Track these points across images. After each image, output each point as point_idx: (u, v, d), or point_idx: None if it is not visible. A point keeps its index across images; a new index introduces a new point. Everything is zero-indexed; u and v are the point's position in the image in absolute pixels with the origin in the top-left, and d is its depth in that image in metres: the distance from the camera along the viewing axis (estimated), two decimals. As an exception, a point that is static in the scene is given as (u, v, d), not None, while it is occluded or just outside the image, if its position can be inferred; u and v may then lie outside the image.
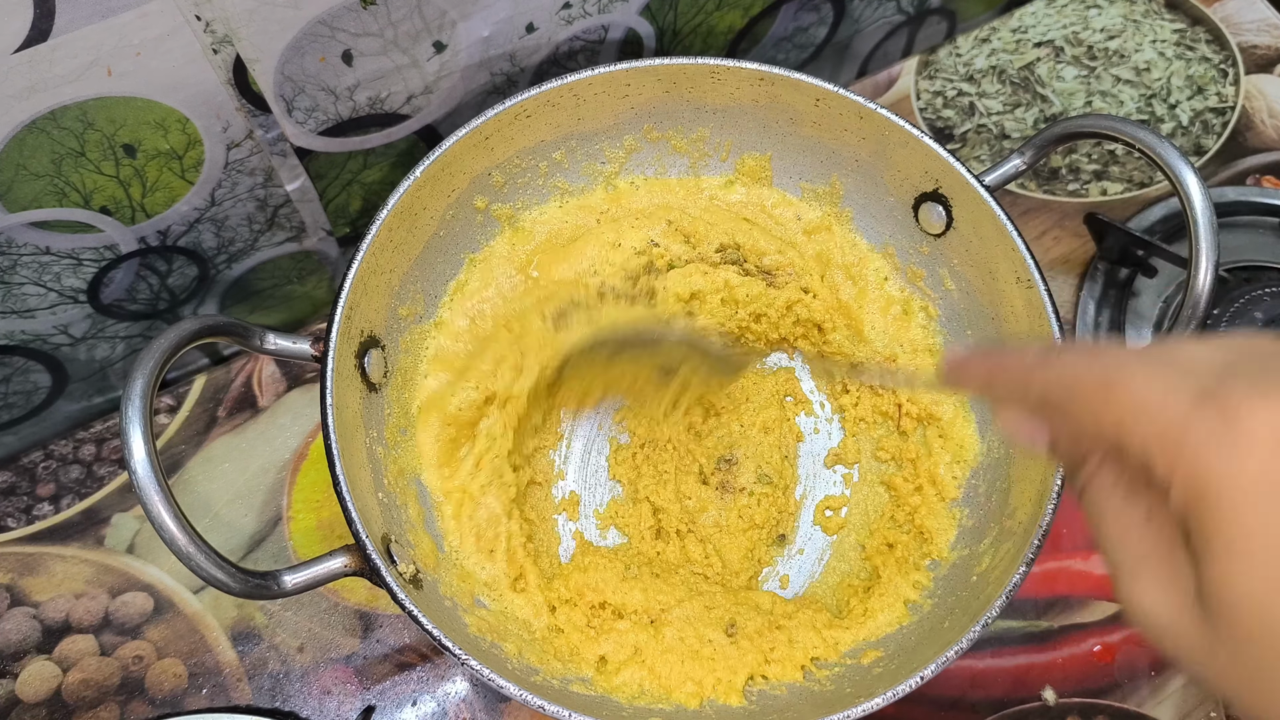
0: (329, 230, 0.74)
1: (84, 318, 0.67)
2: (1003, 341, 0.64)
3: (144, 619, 0.66)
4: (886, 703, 0.50)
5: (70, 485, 0.70)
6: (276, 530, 0.69)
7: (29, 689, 0.64)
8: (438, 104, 0.67)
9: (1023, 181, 0.83)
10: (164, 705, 0.64)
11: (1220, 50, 0.89)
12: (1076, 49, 0.89)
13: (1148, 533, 0.32)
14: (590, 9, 0.68)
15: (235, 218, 0.67)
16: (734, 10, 0.76)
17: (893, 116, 0.63)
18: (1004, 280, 0.62)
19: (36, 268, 0.61)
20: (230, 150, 0.61)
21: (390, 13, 0.58)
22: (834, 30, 0.87)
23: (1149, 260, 0.77)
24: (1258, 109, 0.86)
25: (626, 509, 0.67)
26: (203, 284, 0.71)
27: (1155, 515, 0.32)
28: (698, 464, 0.68)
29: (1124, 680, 0.66)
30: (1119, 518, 0.33)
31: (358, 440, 0.57)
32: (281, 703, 0.64)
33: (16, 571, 0.67)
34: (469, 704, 0.65)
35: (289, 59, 0.58)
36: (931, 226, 0.66)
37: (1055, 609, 0.68)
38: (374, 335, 0.61)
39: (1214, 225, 0.55)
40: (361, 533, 0.52)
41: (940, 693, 0.65)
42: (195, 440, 0.72)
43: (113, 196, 0.60)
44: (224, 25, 0.54)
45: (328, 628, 0.66)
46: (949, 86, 0.87)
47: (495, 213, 0.68)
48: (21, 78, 0.50)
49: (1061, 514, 0.55)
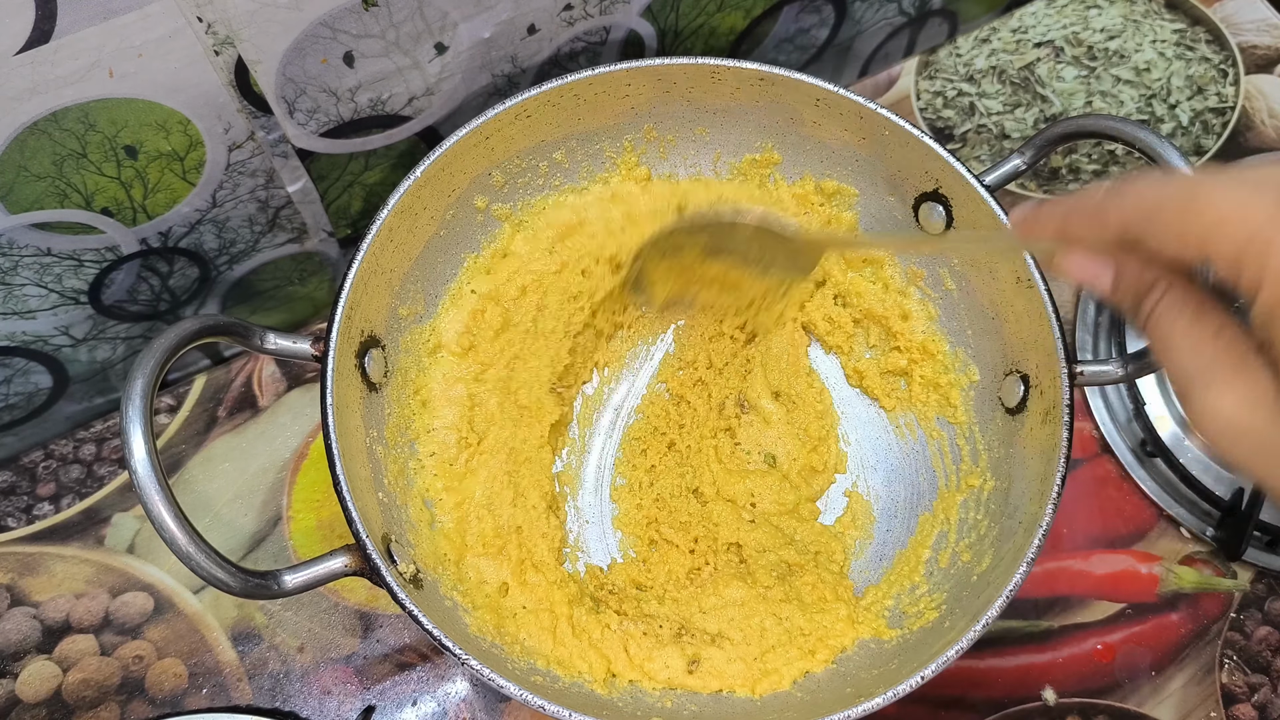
0: (330, 231, 0.74)
1: (85, 319, 0.68)
2: (1004, 340, 0.64)
3: (144, 619, 0.66)
4: (886, 702, 0.50)
5: (70, 485, 0.71)
6: (276, 530, 0.69)
7: (29, 689, 0.64)
8: (439, 105, 0.68)
9: (1023, 181, 0.83)
10: (164, 705, 0.64)
11: (1220, 50, 0.89)
12: (1076, 49, 0.89)
13: (1219, 344, 0.34)
14: (592, 10, 0.68)
15: (237, 219, 0.67)
16: (735, 12, 0.76)
17: (893, 116, 0.63)
18: (1004, 280, 0.62)
19: (38, 269, 0.61)
20: (232, 152, 0.61)
21: (392, 14, 0.59)
22: (835, 32, 0.87)
23: (1149, 261, 0.77)
24: (1258, 109, 0.86)
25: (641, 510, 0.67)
26: (204, 285, 0.72)
27: (1226, 329, 0.34)
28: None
29: (1124, 680, 0.66)
30: (1189, 333, 0.34)
31: (358, 440, 0.57)
32: (282, 703, 0.64)
33: (17, 571, 0.68)
34: (469, 704, 0.65)
35: (290, 60, 0.58)
36: (931, 226, 0.66)
37: (1055, 609, 0.68)
38: (374, 335, 0.61)
39: (1214, 225, 0.55)
40: (362, 532, 0.52)
41: (940, 693, 0.65)
42: (195, 440, 0.72)
43: (114, 198, 0.60)
44: (226, 27, 0.54)
45: (328, 628, 0.66)
46: (949, 87, 0.87)
47: (496, 212, 0.68)
48: (23, 79, 0.50)
49: (1061, 514, 0.56)
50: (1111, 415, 0.74)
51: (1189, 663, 0.67)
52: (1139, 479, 0.72)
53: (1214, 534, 0.70)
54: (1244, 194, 0.31)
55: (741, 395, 0.70)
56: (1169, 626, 0.68)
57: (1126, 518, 0.71)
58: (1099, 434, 0.74)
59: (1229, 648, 0.67)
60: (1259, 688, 0.66)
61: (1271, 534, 0.69)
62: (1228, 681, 0.66)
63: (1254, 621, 0.68)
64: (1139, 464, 0.73)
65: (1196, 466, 0.71)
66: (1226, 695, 0.66)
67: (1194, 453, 0.72)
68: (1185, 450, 0.72)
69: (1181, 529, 0.71)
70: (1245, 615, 0.68)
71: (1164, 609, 0.68)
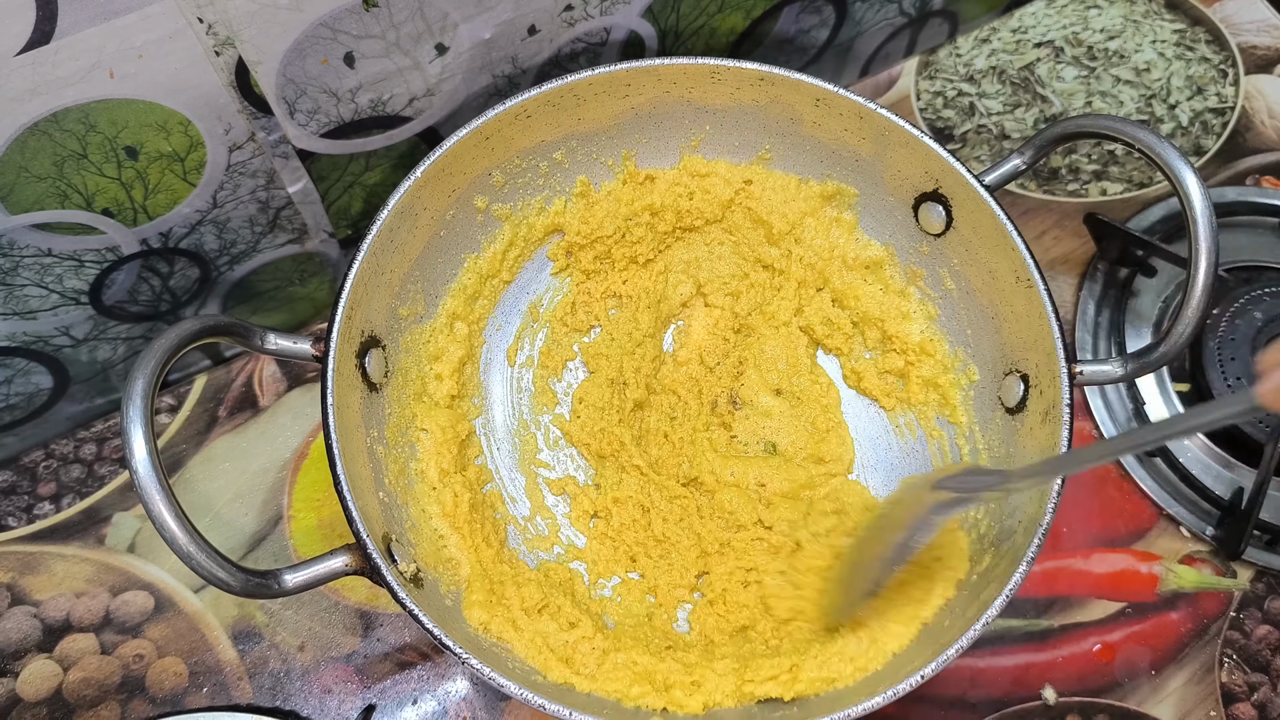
0: (330, 232, 0.74)
1: (86, 319, 0.68)
2: (1004, 340, 0.64)
3: (145, 618, 0.66)
4: (886, 702, 0.50)
5: (71, 484, 0.71)
6: (277, 529, 0.69)
7: (30, 688, 0.64)
8: (440, 106, 0.68)
9: (1023, 181, 0.83)
10: (165, 704, 0.64)
11: (1220, 50, 0.89)
12: (1076, 49, 0.89)
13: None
14: (592, 11, 0.68)
15: (237, 220, 0.67)
16: (736, 12, 0.76)
17: (893, 117, 0.63)
18: (1004, 280, 0.62)
19: (38, 269, 0.61)
20: (232, 152, 0.61)
21: (392, 15, 0.59)
22: (836, 32, 0.87)
23: (1149, 260, 0.77)
24: (1257, 109, 0.86)
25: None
26: (204, 286, 0.72)
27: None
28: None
29: (1124, 679, 0.66)
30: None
31: (358, 440, 0.57)
32: (282, 701, 0.64)
33: (17, 570, 0.68)
34: (469, 703, 0.65)
35: (291, 61, 0.58)
36: (931, 226, 0.67)
37: (1055, 608, 0.68)
38: (374, 335, 0.61)
39: (1214, 225, 0.55)
40: (362, 532, 0.52)
41: (940, 692, 0.66)
42: (196, 440, 0.72)
43: (115, 198, 0.60)
44: (226, 27, 0.54)
45: (328, 626, 0.66)
46: (949, 87, 0.87)
47: (496, 213, 0.68)
48: (24, 80, 0.50)
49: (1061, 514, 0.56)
50: (1111, 415, 0.74)
51: (1189, 662, 0.67)
52: (1139, 478, 0.72)
53: (1214, 533, 0.70)
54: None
55: (734, 393, 0.70)
56: (1169, 626, 0.68)
57: (1126, 517, 0.71)
58: (1099, 434, 0.74)
59: (1229, 647, 0.67)
60: (1258, 687, 0.66)
61: (1271, 533, 0.69)
62: (1227, 680, 0.66)
63: (1254, 620, 0.68)
64: (1139, 464, 0.73)
65: (1196, 466, 0.71)
66: (1226, 694, 0.66)
67: (1194, 452, 0.72)
68: (1185, 450, 0.72)
69: (1181, 528, 0.71)
70: (1245, 614, 0.68)
71: (1164, 608, 0.68)
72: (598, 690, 0.56)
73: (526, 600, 0.58)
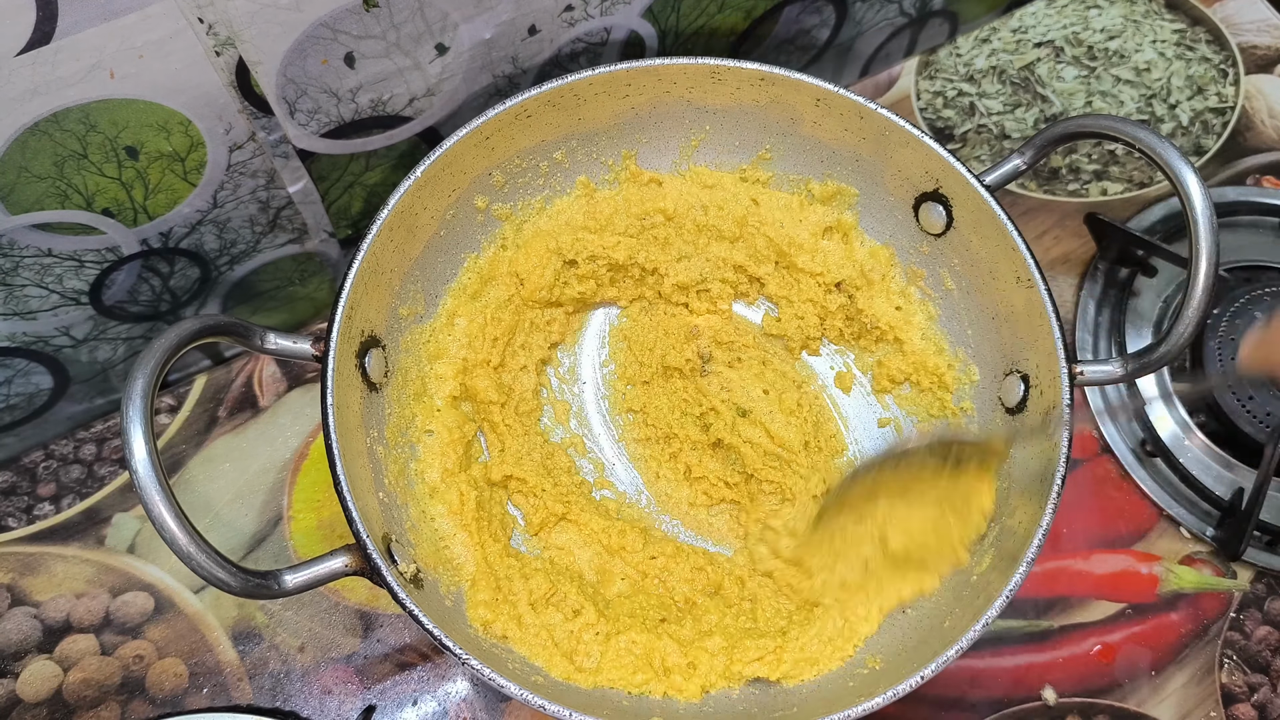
0: (331, 232, 0.74)
1: (86, 319, 0.68)
2: (1004, 340, 0.64)
3: (145, 618, 0.66)
4: (886, 702, 0.50)
5: (71, 485, 0.71)
6: (277, 530, 0.69)
7: (30, 688, 0.64)
8: (440, 106, 0.68)
9: (1023, 181, 0.83)
10: (165, 705, 0.64)
11: (1220, 50, 0.89)
12: (1076, 49, 0.89)
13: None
14: (593, 11, 0.68)
15: (237, 220, 0.67)
16: (736, 12, 0.76)
17: (893, 116, 0.63)
18: (1004, 280, 0.62)
19: (39, 270, 0.61)
20: (233, 152, 0.61)
21: (393, 15, 0.59)
22: (836, 32, 0.87)
23: (1149, 260, 0.77)
24: (1258, 109, 0.86)
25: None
26: (204, 286, 0.72)
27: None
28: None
29: (1124, 680, 0.66)
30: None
31: (358, 440, 0.57)
32: (282, 702, 0.64)
33: (17, 571, 0.68)
34: (470, 703, 0.65)
35: (291, 61, 0.58)
36: (932, 226, 0.67)
37: (1055, 609, 0.68)
38: (374, 335, 0.61)
39: (1214, 225, 0.55)
40: (362, 532, 0.52)
41: (940, 692, 0.66)
42: (196, 440, 0.72)
43: (115, 198, 0.60)
44: (226, 28, 0.54)
45: (328, 627, 0.66)
46: (949, 87, 0.87)
47: (496, 212, 0.68)
48: (24, 80, 0.50)
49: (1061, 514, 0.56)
50: (1111, 415, 0.74)
51: (1189, 662, 0.67)
52: (1139, 479, 0.72)
53: (1214, 534, 0.70)
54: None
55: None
56: (1169, 626, 0.68)
57: (1126, 518, 0.71)
58: (1099, 434, 0.74)
59: (1229, 647, 0.67)
60: (1259, 687, 0.66)
61: (1271, 534, 0.69)
62: (1227, 681, 0.66)
63: (1254, 621, 0.68)
64: (1139, 464, 0.73)
65: (1196, 466, 0.71)
66: (1226, 695, 0.66)
67: (1194, 453, 0.72)
68: (1185, 450, 0.72)
69: (1181, 529, 0.71)
70: (1245, 615, 0.68)
71: (1164, 609, 0.68)
72: (601, 683, 0.57)
73: (534, 591, 0.59)
